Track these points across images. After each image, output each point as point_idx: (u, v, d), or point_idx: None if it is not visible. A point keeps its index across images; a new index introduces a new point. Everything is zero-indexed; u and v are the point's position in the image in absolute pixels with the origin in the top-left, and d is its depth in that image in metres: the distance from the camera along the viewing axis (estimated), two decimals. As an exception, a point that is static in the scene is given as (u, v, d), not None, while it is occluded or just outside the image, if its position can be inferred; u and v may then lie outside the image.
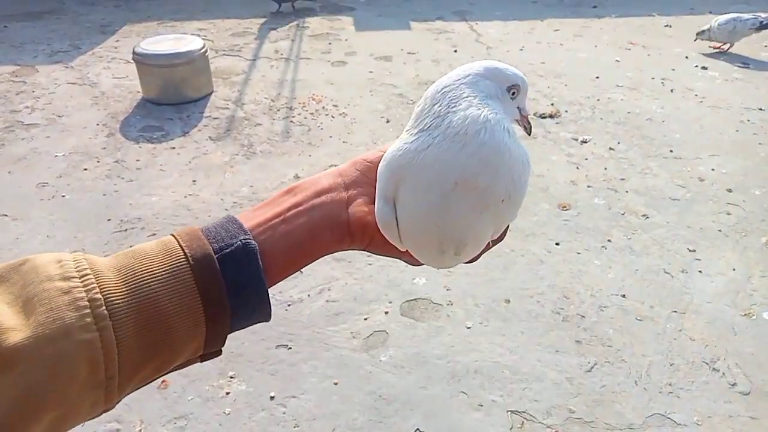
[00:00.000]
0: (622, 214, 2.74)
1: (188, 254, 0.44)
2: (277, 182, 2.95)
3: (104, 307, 0.40)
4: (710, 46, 4.53)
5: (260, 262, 0.46)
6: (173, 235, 0.47)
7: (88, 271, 0.41)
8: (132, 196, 2.85)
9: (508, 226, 0.51)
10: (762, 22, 4.30)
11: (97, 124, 3.48)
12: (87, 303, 0.40)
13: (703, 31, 4.40)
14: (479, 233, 0.48)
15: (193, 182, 2.95)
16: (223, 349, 0.48)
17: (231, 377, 1.93)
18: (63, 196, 2.85)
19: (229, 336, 0.48)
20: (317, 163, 3.10)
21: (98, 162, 3.12)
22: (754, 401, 1.88)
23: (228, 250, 0.45)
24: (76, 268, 0.41)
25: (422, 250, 0.49)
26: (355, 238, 0.51)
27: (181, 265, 0.44)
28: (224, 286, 0.44)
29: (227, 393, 1.89)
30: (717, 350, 2.05)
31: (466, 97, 0.46)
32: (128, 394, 0.44)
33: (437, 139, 0.45)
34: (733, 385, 1.93)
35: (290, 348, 2.03)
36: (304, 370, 1.94)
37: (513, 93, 0.48)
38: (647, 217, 2.72)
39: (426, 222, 0.46)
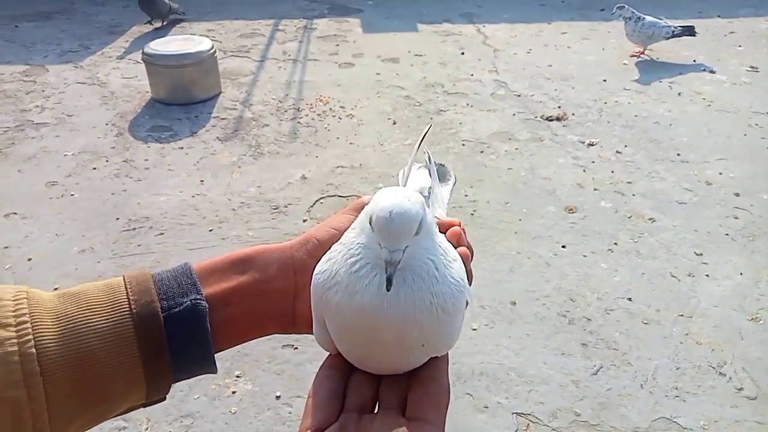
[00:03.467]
0: (629, 218, 2.73)
1: (134, 310, 0.43)
2: (284, 182, 2.96)
3: (36, 363, 0.38)
4: (632, 54, 4.49)
5: (208, 325, 0.45)
6: (124, 280, 0.45)
7: (26, 318, 0.40)
8: (140, 195, 2.86)
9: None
10: (674, 31, 4.33)
11: (106, 124, 3.50)
12: (18, 359, 0.38)
13: (623, 7, 4.29)
14: (415, 362, 0.43)
15: (200, 182, 2.97)
16: (167, 396, 0.48)
17: (237, 376, 1.94)
18: (72, 195, 2.87)
19: None
20: (324, 164, 3.11)
21: (107, 161, 3.14)
22: (761, 406, 1.87)
23: (176, 309, 0.44)
24: (14, 312, 0.40)
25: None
26: (301, 330, 0.50)
27: (125, 321, 0.42)
28: (167, 348, 0.43)
29: (233, 392, 1.90)
30: (724, 354, 2.04)
31: (354, 230, 0.43)
32: None
33: (338, 278, 0.41)
34: (740, 389, 1.92)
35: (296, 348, 2.04)
36: (310, 369, 1.95)
37: (371, 224, 0.40)
38: (654, 221, 2.71)
39: (355, 358, 0.44)
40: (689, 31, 4.39)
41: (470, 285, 0.47)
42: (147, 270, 0.47)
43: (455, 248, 0.47)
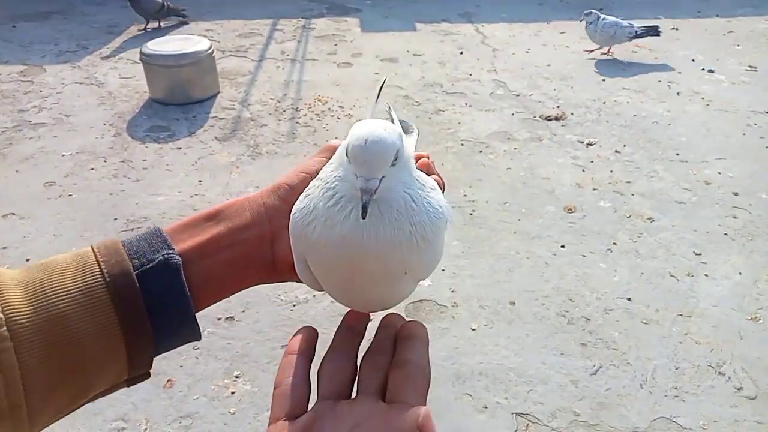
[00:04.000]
0: (628, 217, 2.73)
1: (104, 270, 0.41)
2: (283, 183, 2.95)
3: (5, 328, 0.37)
4: (602, 53, 4.48)
5: (183, 278, 0.43)
6: (92, 247, 0.43)
7: None
8: (138, 195, 2.86)
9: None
10: (636, 31, 4.32)
11: (104, 124, 3.50)
12: None
13: (591, 12, 4.31)
14: (401, 294, 0.44)
15: (199, 182, 2.96)
16: (151, 372, 0.45)
17: (236, 377, 1.94)
18: (70, 195, 2.87)
19: (234, 336, 0.47)
20: (323, 164, 3.11)
21: (105, 161, 3.14)
22: (760, 406, 1.87)
23: (149, 266, 0.42)
24: None
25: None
26: (283, 275, 0.49)
27: (96, 281, 0.41)
28: (143, 305, 0.41)
29: (232, 393, 1.89)
30: (723, 354, 2.04)
31: (332, 165, 0.43)
32: (46, 425, 0.40)
33: (316, 213, 0.41)
34: (739, 389, 1.92)
35: (295, 348, 2.03)
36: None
37: (347, 154, 0.40)
38: (653, 221, 2.71)
39: (340, 295, 0.44)
40: (653, 31, 4.38)
41: None
42: (115, 238, 0.45)
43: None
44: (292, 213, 0.44)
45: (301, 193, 0.45)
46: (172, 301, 0.43)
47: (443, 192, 0.49)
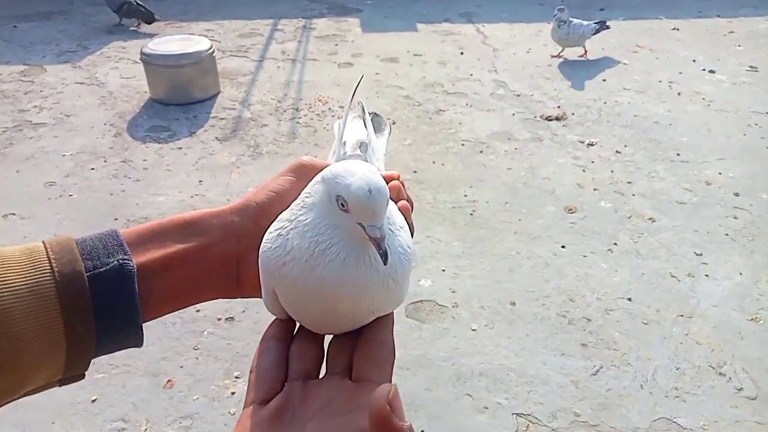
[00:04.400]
0: (629, 218, 2.73)
1: (55, 269, 0.40)
2: (283, 183, 2.95)
3: None
4: (579, 55, 4.46)
5: (136, 287, 0.42)
6: (43, 243, 0.42)
7: None
8: (139, 195, 2.86)
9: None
10: (597, 27, 4.38)
11: (105, 124, 3.50)
12: None
13: (564, 9, 4.26)
14: (362, 323, 0.44)
15: (199, 182, 2.96)
16: (86, 373, 0.44)
17: (236, 377, 1.94)
18: (70, 195, 2.87)
19: (234, 337, 0.47)
20: (323, 164, 3.10)
21: (105, 161, 3.14)
22: (761, 406, 1.87)
23: (101, 269, 0.41)
24: None
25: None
26: (245, 294, 0.49)
27: (45, 280, 0.39)
28: (91, 309, 0.40)
29: (232, 393, 1.89)
30: (723, 355, 2.04)
31: (309, 208, 0.42)
32: None
33: (294, 254, 0.41)
34: (740, 389, 1.92)
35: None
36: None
37: (342, 205, 0.40)
38: (654, 221, 2.71)
39: (307, 322, 0.45)
40: (603, 25, 4.44)
41: (412, 236, 0.48)
42: (69, 233, 0.44)
43: (396, 202, 0.48)
44: (263, 249, 0.44)
45: (269, 213, 0.45)
46: (120, 308, 0.42)
47: (411, 212, 0.51)
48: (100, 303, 0.41)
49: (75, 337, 0.40)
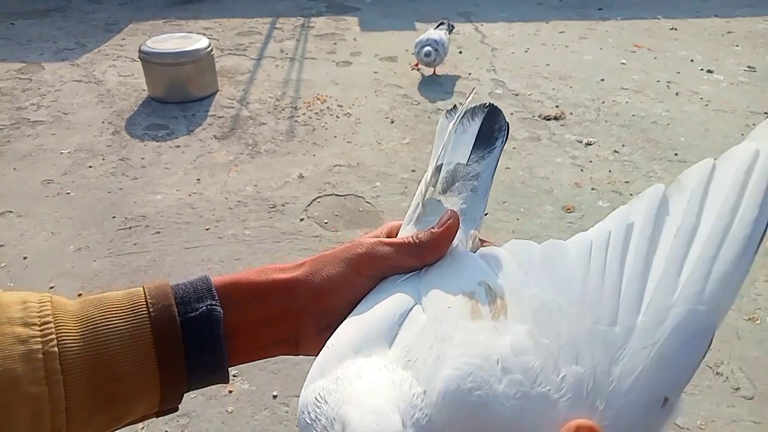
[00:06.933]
0: (627, 217, 2.73)
1: (152, 313, 0.44)
2: (281, 181, 2.95)
3: (58, 361, 0.40)
4: (431, 74, 4.12)
5: (222, 332, 0.46)
6: (143, 288, 0.46)
7: (50, 319, 0.41)
8: (137, 193, 2.85)
9: None
10: (448, 35, 4.06)
11: (103, 122, 3.49)
12: (41, 356, 0.39)
13: (437, 51, 3.86)
14: None
15: (197, 181, 2.96)
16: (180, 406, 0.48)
17: (234, 376, 1.94)
18: (68, 193, 2.86)
19: None
20: (321, 162, 3.11)
21: (103, 159, 3.13)
22: (758, 406, 1.87)
23: (192, 314, 0.45)
24: (39, 313, 0.41)
25: None
26: (302, 353, 0.52)
27: (143, 324, 0.44)
28: (182, 351, 0.44)
29: (230, 391, 1.89)
30: (721, 354, 2.04)
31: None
32: None
33: None
34: (737, 389, 1.92)
35: (293, 347, 2.03)
36: (307, 369, 1.94)
37: None
38: (651, 220, 2.71)
39: None
40: (450, 27, 4.19)
41: None
42: (166, 279, 0.49)
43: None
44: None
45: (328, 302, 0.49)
46: (208, 349, 0.45)
47: None
48: (189, 345, 0.45)
49: (168, 377, 0.44)
